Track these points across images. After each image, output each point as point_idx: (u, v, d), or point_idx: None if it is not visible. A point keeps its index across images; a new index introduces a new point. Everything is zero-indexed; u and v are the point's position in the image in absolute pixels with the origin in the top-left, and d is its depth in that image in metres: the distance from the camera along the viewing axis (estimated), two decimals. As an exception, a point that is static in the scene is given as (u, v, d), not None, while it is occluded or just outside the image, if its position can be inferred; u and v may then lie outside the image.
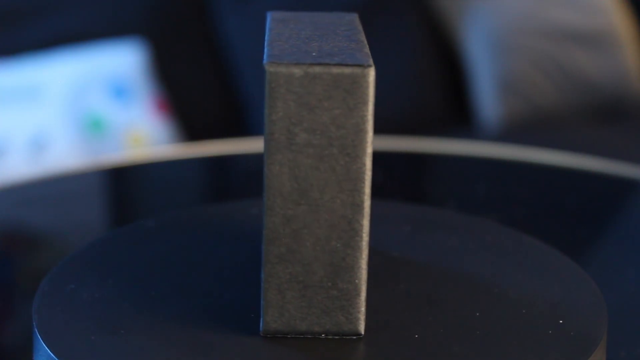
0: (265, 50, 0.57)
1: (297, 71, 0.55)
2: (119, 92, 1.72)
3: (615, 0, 1.93)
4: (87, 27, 1.81)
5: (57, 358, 0.59)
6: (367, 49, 0.58)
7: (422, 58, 1.89)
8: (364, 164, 0.57)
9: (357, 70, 0.55)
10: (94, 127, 1.68)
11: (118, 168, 1.33)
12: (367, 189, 0.58)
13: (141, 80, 1.73)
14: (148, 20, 1.84)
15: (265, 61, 0.55)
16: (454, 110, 1.92)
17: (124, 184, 1.32)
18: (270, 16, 0.65)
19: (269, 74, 0.54)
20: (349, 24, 0.63)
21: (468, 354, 0.60)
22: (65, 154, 1.64)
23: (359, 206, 0.58)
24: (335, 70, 0.55)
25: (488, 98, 1.85)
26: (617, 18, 1.91)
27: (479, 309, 0.65)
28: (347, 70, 0.55)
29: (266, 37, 0.60)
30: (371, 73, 0.55)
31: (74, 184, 1.24)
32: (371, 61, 0.56)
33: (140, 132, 1.70)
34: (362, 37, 0.61)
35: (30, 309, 0.64)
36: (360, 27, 0.63)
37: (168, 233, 0.75)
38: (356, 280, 0.60)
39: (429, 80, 1.89)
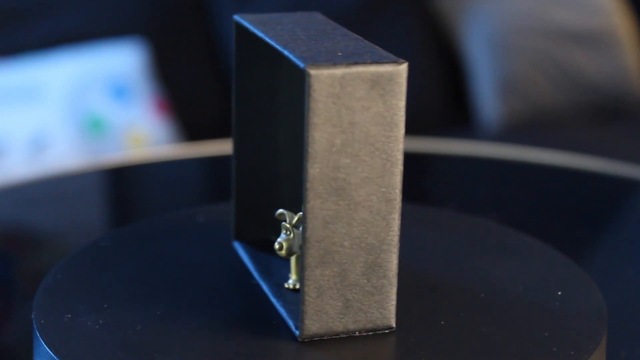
0: (287, 53, 0.57)
1: (337, 72, 0.55)
2: (119, 92, 1.72)
3: (615, 0, 1.93)
4: (87, 27, 1.81)
5: (57, 358, 0.59)
6: (377, 48, 0.59)
7: (422, 58, 1.89)
8: (398, 159, 0.58)
9: (394, 67, 0.56)
10: (94, 127, 1.68)
11: (118, 168, 1.33)
12: (400, 184, 0.58)
13: (141, 80, 1.73)
14: (148, 20, 1.84)
15: (303, 65, 0.54)
16: (454, 110, 1.92)
17: (124, 184, 1.32)
18: (241, 18, 0.65)
19: (310, 76, 0.54)
20: (328, 23, 0.64)
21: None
22: (65, 154, 1.64)
23: (393, 201, 0.59)
24: (374, 68, 0.55)
25: (488, 98, 1.85)
26: (617, 18, 1.91)
27: (479, 309, 0.65)
28: (385, 68, 0.55)
29: (267, 40, 0.60)
30: (405, 69, 0.56)
31: (74, 184, 1.24)
32: (400, 58, 0.57)
33: (140, 132, 1.70)
34: (356, 35, 0.61)
35: (30, 309, 0.64)
36: (339, 25, 0.64)
37: (155, 238, 0.75)
38: (390, 275, 0.60)
39: (429, 80, 1.89)
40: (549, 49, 1.87)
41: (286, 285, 0.65)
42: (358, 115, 0.56)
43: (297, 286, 0.65)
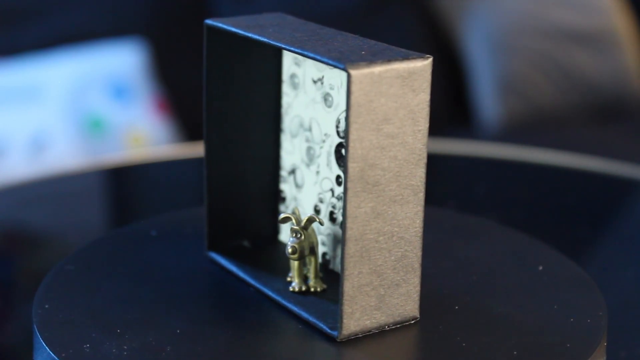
0: (313, 55, 0.58)
1: (375, 70, 0.56)
2: (119, 92, 1.72)
3: (615, 0, 1.93)
4: (87, 27, 1.81)
5: (57, 358, 0.59)
6: (386, 44, 0.61)
7: (422, 58, 1.88)
8: (424, 153, 0.60)
9: (422, 62, 0.58)
10: (94, 127, 1.68)
11: (118, 168, 1.33)
12: (424, 177, 0.60)
13: (141, 80, 1.73)
14: (148, 20, 1.84)
15: (342, 65, 0.55)
16: (454, 110, 1.92)
17: (124, 184, 1.32)
18: (218, 23, 0.65)
19: (352, 76, 0.56)
20: (308, 23, 0.66)
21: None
22: (65, 154, 1.64)
23: (420, 194, 0.60)
24: (405, 64, 0.57)
25: (488, 98, 1.85)
26: (617, 18, 1.91)
27: (479, 308, 0.65)
28: (414, 63, 0.57)
29: (274, 43, 0.61)
30: (431, 63, 0.58)
31: (74, 184, 1.24)
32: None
33: (140, 132, 1.70)
34: (350, 34, 0.63)
35: (30, 309, 0.64)
36: (319, 25, 0.66)
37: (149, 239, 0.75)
38: (416, 266, 0.62)
39: (429, 80, 1.89)
40: (549, 49, 1.86)
41: (291, 289, 0.65)
42: (392, 112, 0.58)
43: (304, 288, 0.65)
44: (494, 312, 0.65)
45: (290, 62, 0.68)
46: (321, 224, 0.64)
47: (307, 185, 0.69)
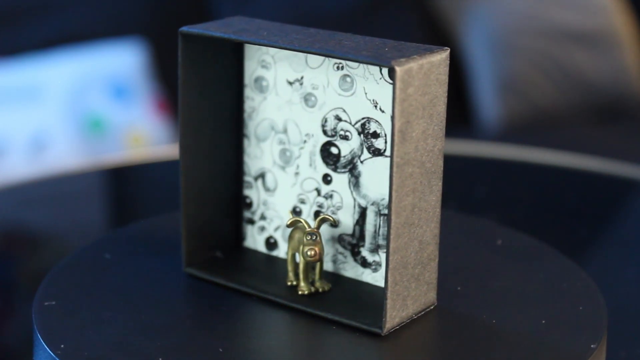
0: (353, 55, 0.59)
1: (414, 65, 0.59)
2: (119, 92, 1.72)
3: (615, 0, 1.93)
4: (87, 27, 1.81)
5: (57, 358, 0.59)
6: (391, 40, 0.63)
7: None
8: (443, 142, 0.62)
9: (444, 54, 0.61)
10: (94, 127, 1.68)
11: (118, 168, 1.33)
12: (442, 166, 0.63)
13: (141, 80, 1.73)
14: (148, 20, 1.84)
15: (386, 62, 0.58)
16: (454, 110, 1.92)
17: (124, 184, 1.32)
18: (191, 29, 0.65)
19: (400, 71, 0.58)
20: (288, 25, 0.66)
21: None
22: (65, 154, 1.64)
23: (439, 182, 0.62)
24: (432, 58, 0.60)
25: (488, 98, 1.85)
26: (617, 18, 1.91)
27: (480, 309, 0.65)
28: (439, 56, 0.60)
29: (296, 49, 0.61)
30: (448, 54, 0.61)
31: (74, 184, 1.24)
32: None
33: (140, 132, 1.70)
34: (348, 33, 0.65)
35: (30, 309, 0.64)
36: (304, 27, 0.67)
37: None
38: (434, 254, 0.63)
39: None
40: (549, 49, 1.86)
41: (300, 292, 0.65)
42: (425, 102, 0.60)
43: (312, 290, 0.65)
44: (494, 312, 0.65)
45: (255, 65, 0.68)
46: (334, 224, 0.64)
47: (281, 188, 0.69)
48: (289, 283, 0.66)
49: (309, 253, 0.63)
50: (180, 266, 0.69)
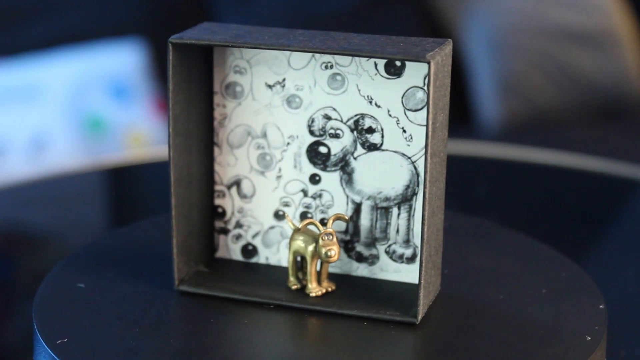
0: (380, 51, 0.60)
1: (439, 59, 0.61)
2: (119, 92, 1.72)
3: (615, 0, 1.93)
4: (87, 27, 1.80)
5: (57, 358, 0.59)
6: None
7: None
8: (447, 130, 0.64)
9: (450, 44, 0.63)
10: (94, 127, 1.68)
11: (118, 168, 1.33)
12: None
13: (141, 80, 1.73)
14: (148, 20, 1.84)
15: (421, 56, 0.60)
16: (454, 110, 1.92)
17: (124, 184, 1.32)
18: (180, 38, 0.64)
19: (433, 64, 0.60)
20: (275, 28, 0.66)
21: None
22: (65, 154, 1.64)
23: (445, 170, 0.64)
24: (444, 50, 0.62)
25: (488, 98, 1.85)
26: (617, 18, 1.91)
27: (480, 309, 0.65)
28: (449, 47, 0.63)
29: (297, 47, 0.61)
30: (451, 43, 0.64)
31: (74, 184, 1.24)
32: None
33: (140, 132, 1.70)
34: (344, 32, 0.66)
35: (30, 309, 0.64)
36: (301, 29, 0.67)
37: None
38: (441, 244, 0.66)
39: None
40: (549, 49, 1.86)
41: (314, 294, 0.65)
42: (443, 94, 0.62)
43: (324, 290, 0.65)
44: (493, 312, 0.65)
45: (226, 71, 0.67)
46: (347, 221, 0.65)
47: (260, 194, 0.68)
48: (294, 287, 0.65)
49: (329, 253, 0.62)
50: (169, 283, 0.67)
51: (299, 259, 0.65)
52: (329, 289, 0.65)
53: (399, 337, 0.61)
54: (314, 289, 0.64)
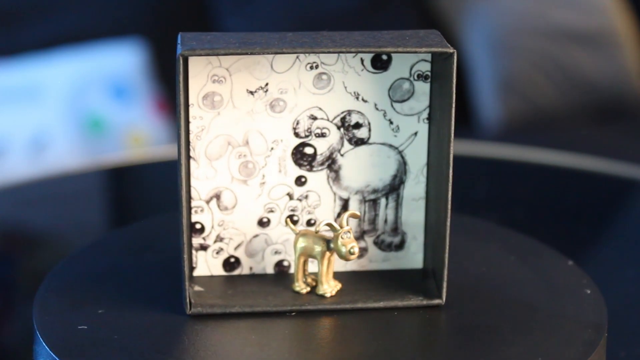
0: (402, 46, 0.61)
1: (452, 50, 0.62)
2: (119, 92, 1.72)
3: (615, 0, 1.93)
4: (87, 27, 1.80)
5: (57, 358, 0.59)
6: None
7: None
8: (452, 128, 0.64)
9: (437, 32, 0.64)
10: (94, 127, 1.68)
11: (118, 168, 1.33)
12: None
13: (141, 80, 1.73)
14: (148, 20, 1.84)
15: (446, 47, 0.61)
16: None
17: (124, 184, 1.32)
18: (191, 53, 0.63)
19: (453, 57, 0.61)
20: (279, 33, 0.66)
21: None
22: (65, 154, 1.64)
23: (449, 166, 0.64)
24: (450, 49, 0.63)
25: (488, 98, 1.85)
26: (617, 18, 1.91)
27: (481, 308, 0.65)
28: (452, 49, 0.63)
29: (348, 51, 0.62)
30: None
31: (74, 184, 1.24)
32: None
33: (140, 132, 1.70)
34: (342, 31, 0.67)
35: (30, 309, 0.64)
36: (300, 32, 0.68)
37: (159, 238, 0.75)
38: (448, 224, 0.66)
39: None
40: (549, 49, 1.86)
41: (329, 294, 0.64)
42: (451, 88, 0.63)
43: (336, 290, 0.64)
44: (493, 313, 0.65)
45: (203, 81, 0.64)
46: (359, 217, 0.66)
47: (242, 203, 0.66)
48: (304, 291, 0.65)
49: (353, 250, 0.62)
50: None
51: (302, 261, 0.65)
52: (338, 288, 0.65)
53: (434, 320, 0.63)
54: (325, 289, 0.64)
